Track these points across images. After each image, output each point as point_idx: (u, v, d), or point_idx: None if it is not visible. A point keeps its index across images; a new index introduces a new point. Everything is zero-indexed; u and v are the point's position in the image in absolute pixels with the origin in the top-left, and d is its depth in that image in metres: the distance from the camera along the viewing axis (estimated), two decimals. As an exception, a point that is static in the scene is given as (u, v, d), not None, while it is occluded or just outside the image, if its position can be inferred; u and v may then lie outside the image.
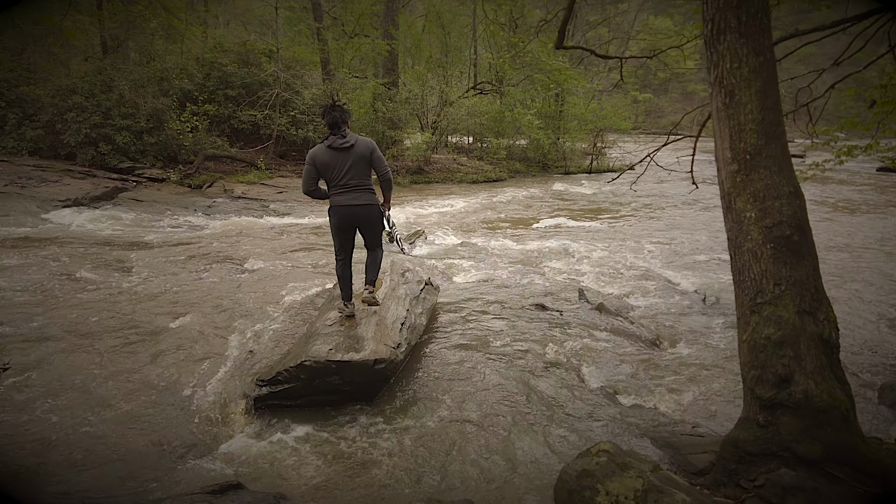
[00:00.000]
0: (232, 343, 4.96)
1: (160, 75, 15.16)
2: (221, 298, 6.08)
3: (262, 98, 15.64)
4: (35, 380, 4.19)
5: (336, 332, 4.23)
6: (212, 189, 13.45)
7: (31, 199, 11.15)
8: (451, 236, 9.55)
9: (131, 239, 8.91)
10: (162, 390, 4.15)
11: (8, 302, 5.82)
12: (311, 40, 19.45)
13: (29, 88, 14.20)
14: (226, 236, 9.27)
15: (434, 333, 5.11)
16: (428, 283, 5.61)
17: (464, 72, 24.63)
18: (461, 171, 17.96)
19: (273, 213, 11.80)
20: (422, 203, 13.17)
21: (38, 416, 3.76)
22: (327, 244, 8.73)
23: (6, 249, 7.70)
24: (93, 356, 4.62)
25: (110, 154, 13.47)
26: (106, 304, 5.82)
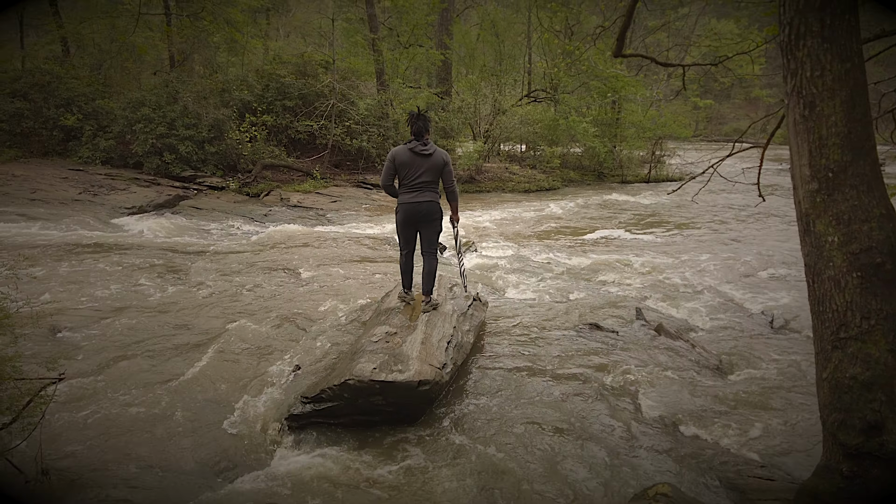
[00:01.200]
0: (279, 356, 4.96)
1: (222, 87, 15.71)
2: (272, 308, 6.13)
3: (319, 109, 15.95)
4: (86, 388, 4.31)
5: (381, 350, 4.14)
6: (269, 197, 13.78)
7: (100, 206, 11.73)
8: (502, 248, 9.37)
9: (189, 246, 9.18)
10: (207, 402, 4.17)
11: (74, 307, 6.06)
12: (367, 51, 19.74)
13: (104, 102, 15.02)
14: (280, 245, 9.42)
15: (482, 352, 4.95)
16: (476, 299, 5.46)
17: (518, 80, 24.41)
18: (513, 180, 17.74)
19: (327, 221, 11.95)
20: (472, 213, 13.04)
21: (82, 426, 3.84)
22: (378, 255, 8.72)
23: (77, 256, 8.08)
24: (144, 365, 4.72)
25: (174, 163, 14.04)
26: (161, 312, 5.97)
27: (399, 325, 4.58)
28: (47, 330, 5.39)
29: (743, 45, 6.94)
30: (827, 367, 2.61)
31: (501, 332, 5.43)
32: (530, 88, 22.64)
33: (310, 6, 28.79)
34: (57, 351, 4.92)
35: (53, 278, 6.99)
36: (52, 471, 3.34)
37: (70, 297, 6.35)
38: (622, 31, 5.35)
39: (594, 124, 19.48)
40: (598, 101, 20.69)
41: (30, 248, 8.33)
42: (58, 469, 3.39)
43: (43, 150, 14.74)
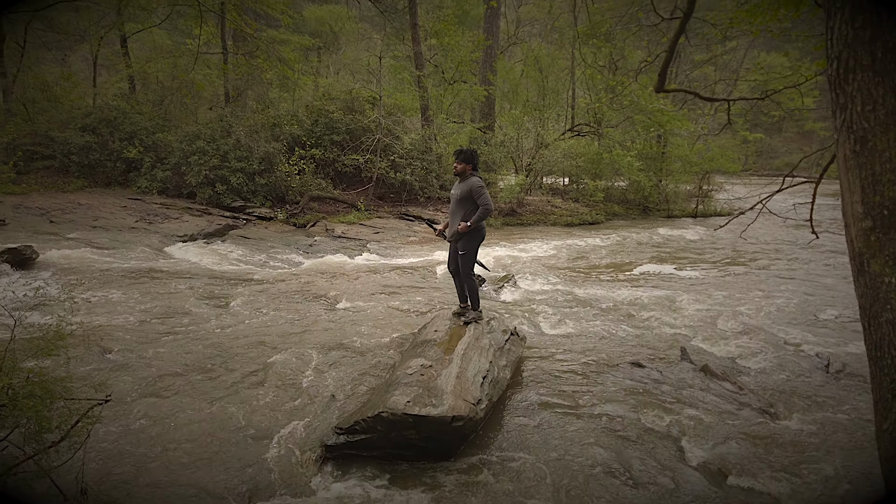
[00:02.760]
0: (317, 385, 4.99)
1: (273, 122, 16.35)
2: (312, 337, 6.21)
3: (365, 143, 16.38)
4: (130, 410, 4.43)
5: (416, 383, 4.11)
6: (314, 228, 14.12)
7: (154, 234, 12.27)
8: (542, 282, 9.26)
9: (236, 274, 9.45)
10: (243, 429, 4.22)
11: (124, 331, 6.29)
12: (412, 87, 20.25)
13: (163, 135, 15.86)
14: (323, 274, 9.59)
15: (518, 389, 4.86)
16: (514, 334, 5.39)
17: (561, 114, 24.50)
18: (555, 213, 17.63)
19: (369, 252, 12.11)
20: (513, 245, 12.99)
21: (123, 447, 3.94)
22: (417, 287, 8.76)
23: (130, 281, 8.43)
24: (186, 390, 4.83)
25: (225, 193, 14.61)
26: (206, 338, 6.12)
27: (435, 357, 4.55)
28: (98, 351, 5.61)
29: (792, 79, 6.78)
30: (888, 418, 2.44)
31: (539, 369, 5.32)
32: (574, 122, 22.66)
33: (359, 44, 29.92)
34: (105, 372, 5.10)
35: (107, 302, 7.31)
36: (90, 491, 3.42)
37: (121, 321, 6.61)
38: (664, 66, 5.33)
39: (639, 158, 19.26)
40: (643, 134, 20.49)
41: (87, 273, 8.76)
42: (97, 489, 3.48)
43: (106, 181, 15.63)
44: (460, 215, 5.30)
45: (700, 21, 7.65)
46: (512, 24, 31.01)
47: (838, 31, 2.59)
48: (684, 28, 5.23)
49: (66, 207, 13.29)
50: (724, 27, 6.29)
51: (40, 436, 3.42)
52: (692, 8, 5.07)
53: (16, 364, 3.60)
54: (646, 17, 14.06)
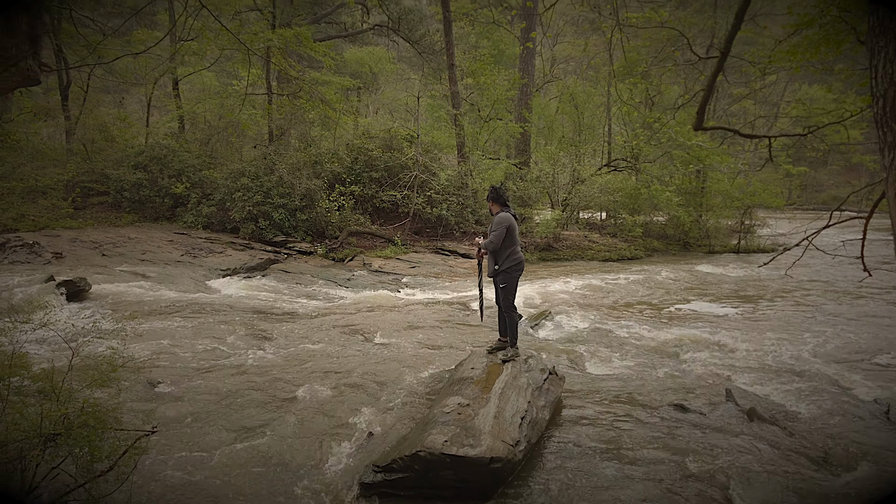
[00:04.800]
0: (354, 421, 5.02)
1: (314, 159, 16.88)
2: (349, 372, 6.26)
3: (402, 179, 16.72)
4: (173, 441, 4.53)
5: (453, 422, 4.09)
6: (353, 262, 14.36)
7: (199, 267, 12.67)
8: (580, 319, 9.14)
9: (276, 308, 9.65)
10: (283, 464, 4.26)
11: (170, 363, 6.48)
12: (449, 125, 20.64)
13: (209, 172, 16.54)
14: (361, 309, 9.70)
15: (557, 430, 4.77)
16: (552, 373, 5.32)
17: (597, 149, 24.52)
18: (593, 248, 17.47)
19: (405, 287, 12.21)
20: (549, 281, 12.90)
21: (166, 478, 4.02)
22: (452, 322, 8.76)
23: (175, 314, 8.71)
24: (226, 423, 4.92)
25: (267, 228, 15.06)
26: (247, 372, 6.25)
27: (472, 396, 4.53)
28: (144, 382, 5.78)
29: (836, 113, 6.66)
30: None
31: (578, 409, 5.22)
32: (610, 158, 22.62)
33: (397, 85, 30.78)
34: (150, 403, 5.24)
35: (153, 333, 7.55)
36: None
37: (166, 353, 6.81)
38: (702, 104, 5.33)
39: (678, 193, 19.03)
40: (682, 169, 20.28)
41: (135, 305, 9.09)
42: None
43: (155, 216, 16.32)
44: (494, 251, 5.42)
45: (737, 59, 7.64)
46: (547, 62, 31.47)
47: (882, 69, 2.57)
48: (722, 67, 5.24)
49: (117, 241, 13.89)
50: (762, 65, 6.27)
51: (91, 465, 3.53)
52: (729, 48, 5.08)
53: (72, 394, 3.76)
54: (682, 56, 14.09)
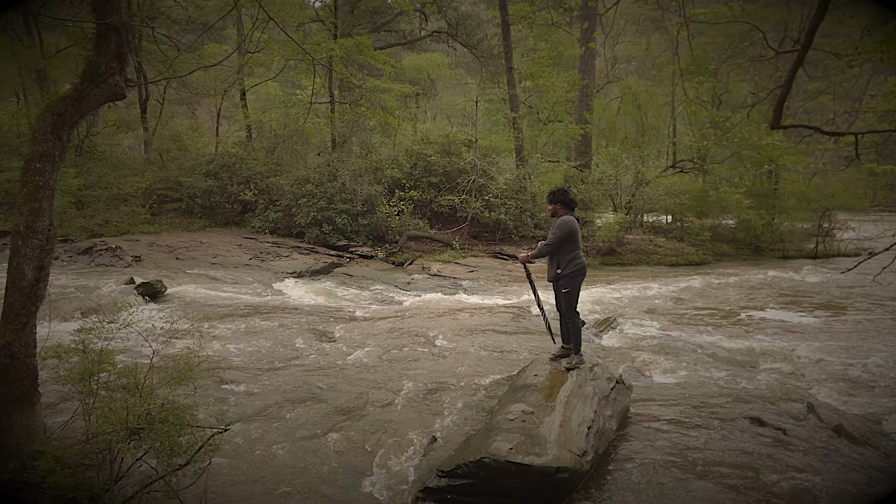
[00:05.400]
0: (416, 424, 5.04)
1: (375, 166, 17.21)
2: (410, 375, 6.31)
3: (460, 184, 16.78)
4: (242, 439, 4.69)
5: (517, 429, 4.03)
6: (412, 266, 14.52)
7: (267, 270, 13.14)
8: (646, 326, 8.85)
9: (339, 310, 9.87)
10: (346, 465, 4.32)
11: (239, 362, 6.73)
12: (507, 129, 20.55)
13: (275, 179, 17.16)
14: (420, 312, 9.77)
15: (625, 441, 4.62)
16: (619, 382, 5.17)
17: (661, 150, 23.77)
18: (658, 252, 16.92)
19: (464, 291, 12.21)
20: (613, 287, 12.57)
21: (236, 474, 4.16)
22: (512, 327, 8.68)
23: (243, 315, 9.05)
24: (292, 422, 5.05)
25: (331, 233, 15.47)
26: (312, 372, 6.40)
27: (535, 403, 4.45)
28: (216, 381, 6.02)
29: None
30: None
31: (647, 420, 5.04)
32: (675, 159, 21.87)
33: (455, 90, 30.95)
34: (221, 402, 5.45)
35: (223, 334, 7.87)
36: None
37: (235, 352, 7.09)
38: (780, 101, 5.05)
39: (748, 195, 18.14)
40: (753, 170, 19.35)
41: (206, 306, 9.51)
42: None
43: (225, 221, 17.08)
44: (555, 256, 5.31)
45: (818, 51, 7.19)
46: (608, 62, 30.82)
47: None
48: (802, 60, 4.95)
49: (190, 245, 14.61)
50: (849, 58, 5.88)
51: (171, 459, 3.71)
52: (811, 40, 4.78)
53: (153, 390, 3.96)
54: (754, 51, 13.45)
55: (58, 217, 4.67)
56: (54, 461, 3.49)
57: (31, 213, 4.05)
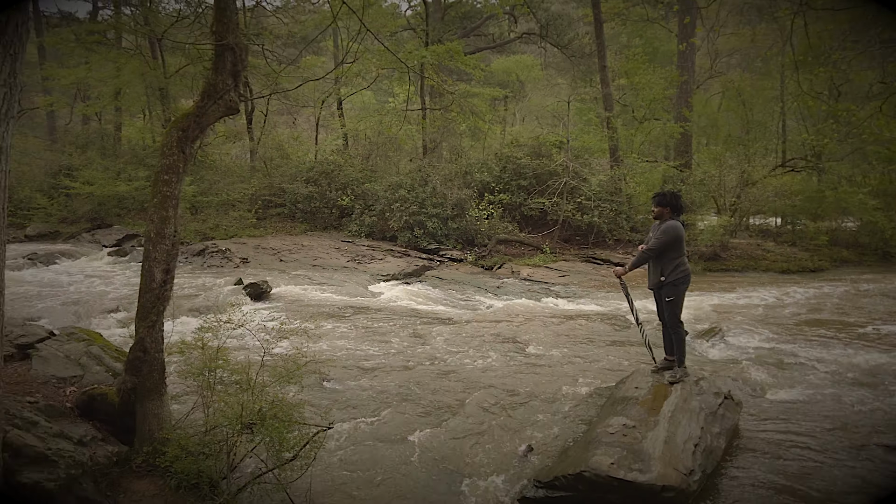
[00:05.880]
0: (511, 432, 5.00)
1: (465, 170, 17.34)
2: (505, 381, 6.28)
3: (551, 186, 16.50)
4: (342, 437, 4.86)
5: (618, 443, 3.89)
6: (501, 270, 14.47)
7: (363, 273, 13.60)
8: (755, 337, 8.25)
9: (432, 313, 10.02)
10: (442, 469, 4.37)
11: (338, 362, 7.00)
12: (599, 129, 19.98)
13: (370, 185, 17.76)
14: (512, 317, 9.71)
15: (734, 462, 4.32)
16: (728, 397, 4.85)
17: (769, 148, 22.09)
18: (767, 258, 15.72)
19: (555, 296, 11.99)
20: (717, 294, 11.84)
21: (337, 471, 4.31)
22: (607, 336, 8.41)
23: (343, 315, 9.43)
24: (390, 423, 5.18)
25: (422, 237, 15.77)
26: (407, 374, 6.54)
27: (637, 417, 4.28)
28: (318, 379, 6.30)
29: None
30: None
31: (760, 441, 4.68)
32: (785, 157, 20.25)
33: (545, 91, 30.53)
34: (323, 400, 5.70)
35: (325, 334, 8.22)
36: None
37: (335, 352, 7.39)
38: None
39: (874, 195, 16.41)
40: (880, 168, 17.50)
41: (308, 306, 9.99)
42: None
43: (324, 225, 17.91)
44: (658, 262, 5.08)
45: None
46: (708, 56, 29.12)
47: None
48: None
49: (292, 248, 15.43)
50: None
51: (280, 454, 3.93)
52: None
53: (264, 388, 4.21)
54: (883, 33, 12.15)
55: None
56: (180, 448, 3.81)
57: (160, 220, 4.44)
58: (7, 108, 2.16)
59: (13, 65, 2.22)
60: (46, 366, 4.82)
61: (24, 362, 4.95)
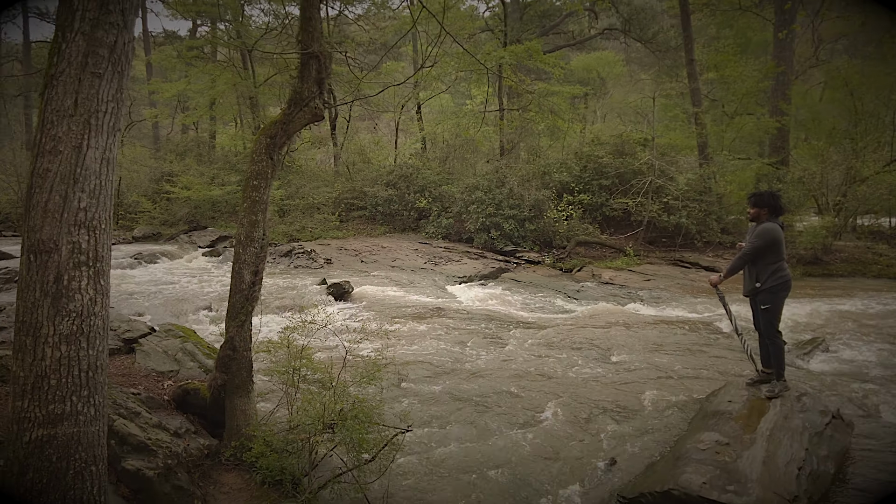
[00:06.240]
0: (592, 443, 4.82)
1: (543, 170, 17.06)
2: (585, 389, 6.08)
3: (635, 186, 15.88)
4: (418, 440, 4.86)
5: (710, 461, 3.64)
6: (581, 273, 14.09)
7: (439, 274, 13.69)
8: (865, 349, 7.50)
9: (508, 316, 9.90)
10: (520, 480, 4.26)
11: (415, 362, 7.06)
12: (686, 125, 19.04)
13: (447, 187, 17.89)
14: (592, 323, 9.42)
15: (846, 491, 3.92)
16: (836, 417, 4.41)
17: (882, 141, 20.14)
18: (879, 262, 14.31)
19: (640, 301, 11.49)
20: (819, 301, 10.90)
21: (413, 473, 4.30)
22: (698, 345, 7.95)
23: (420, 316, 9.51)
24: (465, 428, 5.13)
25: (498, 239, 15.66)
26: (483, 378, 6.48)
27: (731, 434, 3.98)
28: (396, 380, 6.37)
29: None
30: None
31: (876, 467, 4.22)
32: (902, 150, 18.39)
33: (627, 87, 29.52)
34: (400, 401, 5.74)
35: (403, 334, 8.33)
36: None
37: (412, 352, 7.45)
38: None
39: None
40: None
41: (387, 306, 10.16)
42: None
43: (402, 227, 18.22)
44: (753, 267, 4.74)
45: None
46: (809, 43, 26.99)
47: None
48: None
49: (373, 250, 15.81)
50: None
51: (359, 455, 3.98)
52: None
53: (345, 388, 4.29)
54: None
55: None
56: (265, 445, 3.95)
57: (250, 224, 4.64)
58: (114, 121, 2.32)
59: (120, 81, 2.37)
60: (147, 360, 5.18)
61: (129, 356, 5.35)
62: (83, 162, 2.18)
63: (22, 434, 2.14)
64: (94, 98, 2.23)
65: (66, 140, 2.15)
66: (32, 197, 2.14)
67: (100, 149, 2.23)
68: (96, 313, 2.24)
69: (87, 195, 2.19)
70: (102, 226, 2.25)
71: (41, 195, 2.13)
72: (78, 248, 2.16)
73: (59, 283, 2.13)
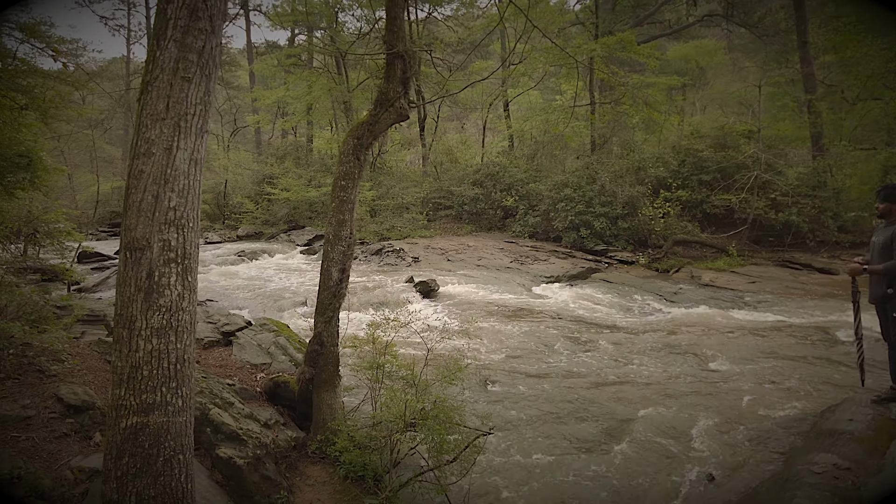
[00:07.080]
0: (688, 457, 4.49)
1: (637, 165, 16.30)
2: (680, 397, 5.70)
3: (739, 181, 14.78)
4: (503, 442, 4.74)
5: (826, 487, 3.24)
6: (678, 274, 13.32)
7: (526, 273, 13.47)
8: None
9: (599, 319, 9.53)
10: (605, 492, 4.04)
11: (501, 365, 6.94)
12: (797, 114, 17.47)
13: (535, 185, 17.58)
14: (691, 327, 8.85)
15: None
16: None
17: None
18: None
19: (744, 305, 10.67)
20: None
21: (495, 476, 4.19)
22: (809, 353, 7.23)
23: (506, 316, 9.38)
24: (551, 433, 4.95)
25: (588, 237, 15.15)
26: (572, 382, 6.25)
27: (852, 457, 3.54)
28: (481, 382, 6.29)
29: None
30: None
31: None
32: None
33: (729, 76, 27.62)
34: (484, 403, 5.65)
35: (488, 334, 8.24)
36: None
37: (498, 354, 7.34)
38: None
39: None
40: None
41: (473, 306, 10.11)
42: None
43: (488, 226, 18.13)
44: None
45: None
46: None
47: None
48: None
49: (459, 248, 15.84)
50: None
51: (440, 455, 3.94)
52: None
53: (427, 387, 4.27)
54: None
55: (357, 224, 5.42)
56: (348, 440, 4.01)
57: (338, 223, 4.74)
58: (202, 123, 2.42)
59: (207, 84, 2.47)
60: (243, 352, 5.46)
61: (227, 348, 5.66)
62: (173, 163, 2.29)
63: (119, 420, 2.29)
64: (184, 101, 2.34)
65: (159, 142, 2.27)
66: (129, 197, 2.28)
67: (188, 150, 2.34)
68: (184, 308, 2.35)
69: (177, 195, 2.30)
70: (190, 224, 2.35)
71: (136, 195, 2.26)
72: (168, 246, 2.28)
73: (150, 279, 2.25)
